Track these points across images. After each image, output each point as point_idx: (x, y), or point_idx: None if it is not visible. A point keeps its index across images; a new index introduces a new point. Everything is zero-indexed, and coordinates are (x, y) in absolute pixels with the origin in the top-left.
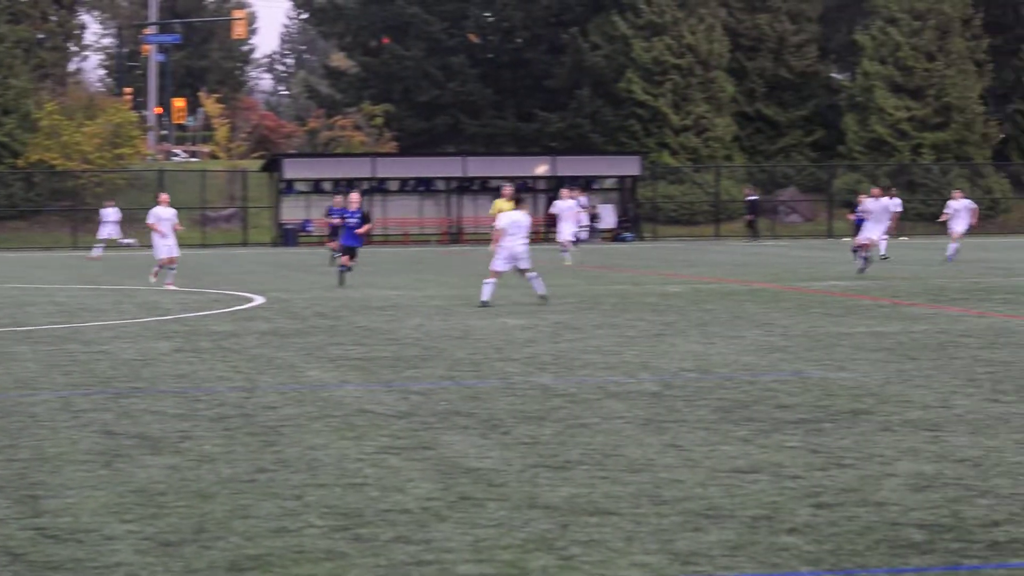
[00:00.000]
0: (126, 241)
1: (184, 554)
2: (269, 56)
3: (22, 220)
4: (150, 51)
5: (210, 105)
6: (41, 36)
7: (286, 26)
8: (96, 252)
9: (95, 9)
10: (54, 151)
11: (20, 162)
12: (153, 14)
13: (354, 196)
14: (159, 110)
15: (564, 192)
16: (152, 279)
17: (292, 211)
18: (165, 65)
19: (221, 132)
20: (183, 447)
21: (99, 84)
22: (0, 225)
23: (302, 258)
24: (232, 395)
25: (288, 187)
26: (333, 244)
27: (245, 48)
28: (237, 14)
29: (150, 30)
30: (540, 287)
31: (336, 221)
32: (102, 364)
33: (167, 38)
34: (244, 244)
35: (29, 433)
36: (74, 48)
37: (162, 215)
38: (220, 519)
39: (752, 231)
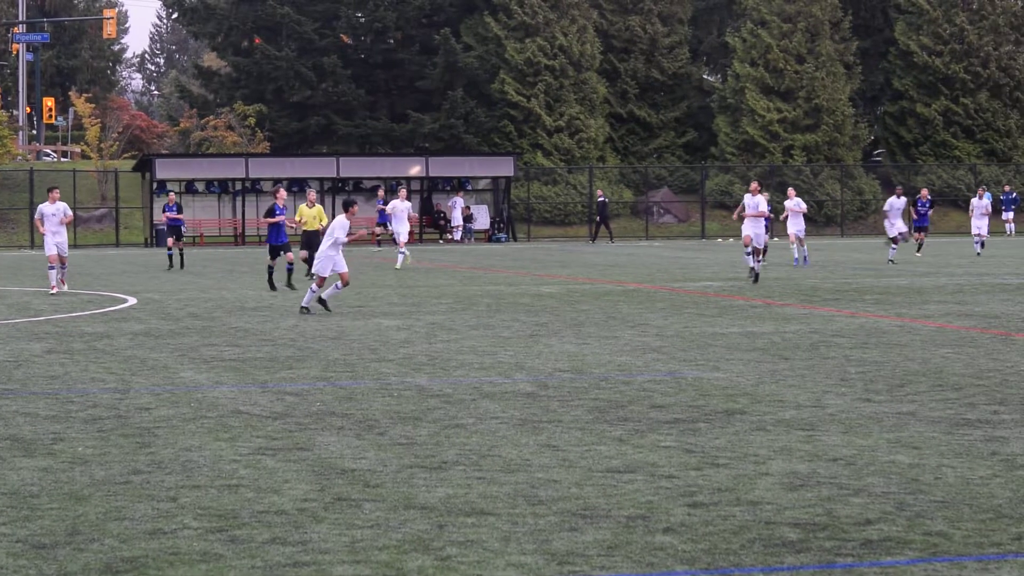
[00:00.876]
0: None
1: (58, 556)
2: (140, 56)
3: None
4: (19, 50)
5: (80, 105)
6: None
7: (157, 26)
8: None
9: None
10: None
11: None
12: (22, 13)
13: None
14: (28, 110)
15: (401, 192)
16: (52, 291)
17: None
18: (34, 64)
19: (92, 132)
20: (56, 449)
21: None
22: None
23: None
24: (105, 396)
25: (160, 187)
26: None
27: (115, 48)
28: (107, 13)
29: (19, 29)
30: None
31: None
32: None
33: (36, 37)
34: (116, 244)
35: None
36: None
37: (46, 211)
38: (94, 521)
39: (596, 232)
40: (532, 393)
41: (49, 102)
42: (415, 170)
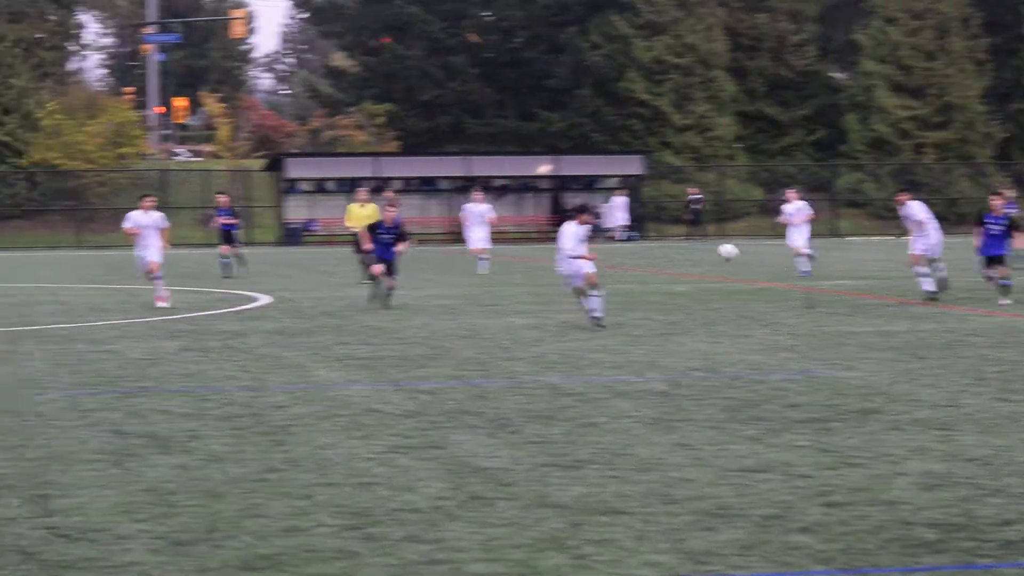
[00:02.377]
0: None
1: (196, 553)
2: (269, 55)
3: (25, 220)
4: (150, 50)
5: (211, 104)
6: (40, 35)
7: (286, 25)
8: None
9: (94, 8)
10: (56, 151)
11: (23, 162)
12: (152, 14)
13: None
14: (160, 109)
15: (476, 194)
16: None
17: (295, 210)
18: (165, 64)
19: (223, 131)
20: (192, 446)
21: (100, 83)
22: (3, 225)
23: (306, 257)
24: (240, 394)
25: (291, 186)
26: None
27: (244, 47)
28: (236, 13)
29: (150, 29)
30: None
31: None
32: (109, 363)
33: (167, 37)
34: (248, 244)
35: (38, 432)
36: (73, 47)
37: (141, 221)
38: (231, 518)
39: (693, 230)
40: (665, 392)
41: (180, 102)
42: (544, 169)
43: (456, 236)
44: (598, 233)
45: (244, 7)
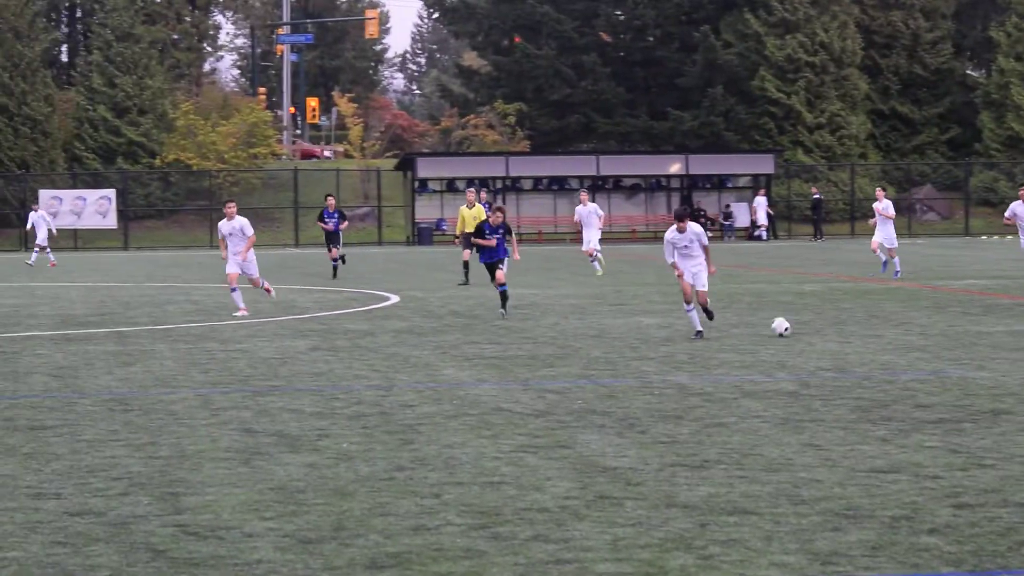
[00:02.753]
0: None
1: (324, 551)
2: (401, 55)
3: (159, 219)
4: (283, 51)
5: (343, 104)
6: (176, 37)
7: (418, 25)
8: (35, 257)
9: (228, 10)
10: (190, 151)
11: (157, 161)
12: (286, 14)
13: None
14: (293, 110)
15: (583, 195)
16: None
17: (426, 210)
18: (298, 65)
19: (355, 131)
20: (321, 445)
21: (233, 84)
22: (138, 224)
23: (436, 257)
24: (369, 393)
25: (422, 186)
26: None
27: (377, 48)
28: (369, 14)
29: (283, 30)
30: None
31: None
32: (240, 362)
33: (300, 38)
34: (379, 243)
35: (169, 431)
36: (208, 48)
37: (223, 230)
38: (359, 517)
39: (819, 230)
40: (794, 392)
41: (313, 102)
42: (675, 168)
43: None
44: (730, 232)
45: (377, 7)
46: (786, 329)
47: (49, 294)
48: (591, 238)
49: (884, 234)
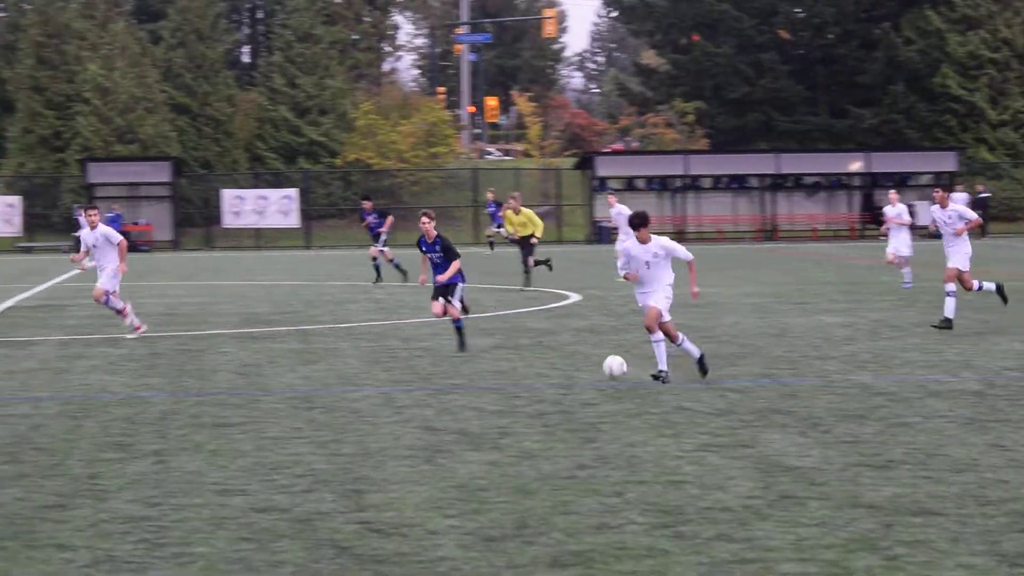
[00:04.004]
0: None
1: (506, 549)
2: (580, 54)
3: (340, 218)
4: (462, 51)
5: (523, 104)
6: (355, 37)
7: (596, 24)
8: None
9: (408, 10)
10: (370, 150)
11: (338, 161)
12: (464, 14)
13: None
14: (472, 109)
15: (611, 198)
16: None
17: (605, 209)
18: (477, 64)
19: (533, 130)
20: (503, 443)
21: (413, 84)
22: (319, 223)
23: (615, 255)
24: (550, 392)
25: (601, 185)
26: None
27: (556, 47)
28: (547, 13)
29: (462, 30)
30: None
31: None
32: (422, 360)
33: (479, 37)
34: (558, 242)
35: (352, 428)
36: (388, 48)
37: (87, 240)
38: (541, 515)
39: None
40: (979, 392)
41: (492, 101)
42: (856, 166)
43: (767, 234)
44: (914, 230)
45: (555, 6)
46: (618, 370)
47: (233, 293)
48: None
49: (899, 242)
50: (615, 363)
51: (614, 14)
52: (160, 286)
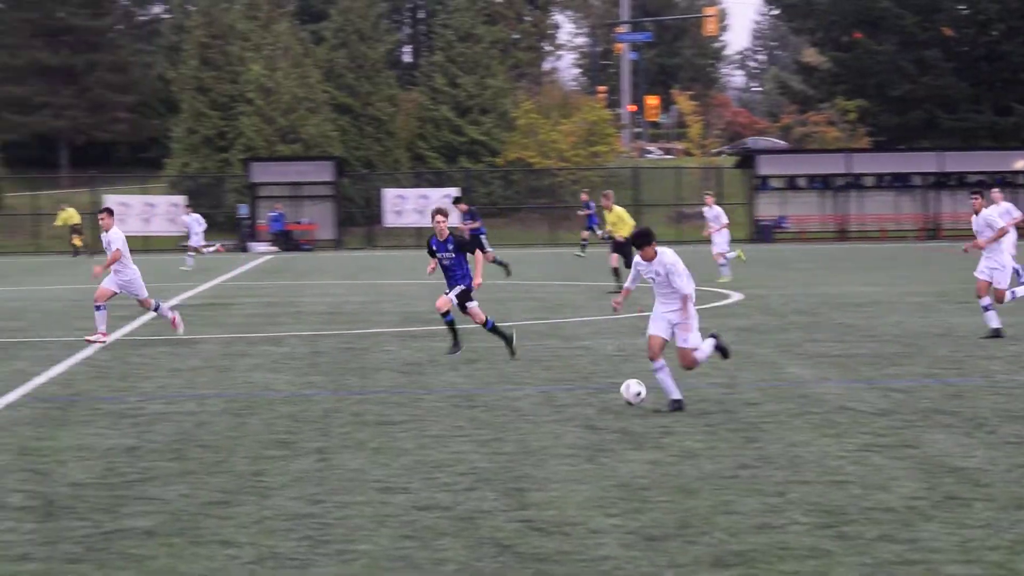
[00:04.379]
0: (210, 249)
1: (669, 549)
2: (741, 53)
3: (501, 217)
4: (623, 49)
5: (683, 102)
6: (516, 36)
7: (757, 22)
8: (190, 261)
9: (568, 9)
10: (531, 149)
11: (499, 160)
12: (625, 13)
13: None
14: (633, 108)
15: (708, 198)
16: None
17: (767, 207)
18: (638, 63)
19: (694, 129)
20: (664, 442)
21: (573, 83)
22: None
23: (777, 254)
24: (712, 391)
25: (762, 183)
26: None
27: (716, 45)
28: (708, 11)
29: (622, 29)
30: None
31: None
32: (583, 360)
33: (639, 36)
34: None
35: (513, 427)
36: (548, 48)
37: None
38: (703, 514)
39: None
40: None
41: (652, 100)
42: (1021, 164)
43: (930, 232)
44: None
45: (716, 4)
46: (637, 396)
47: (394, 291)
48: (718, 241)
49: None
50: (631, 390)
51: (775, 12)
52: (323, 285)
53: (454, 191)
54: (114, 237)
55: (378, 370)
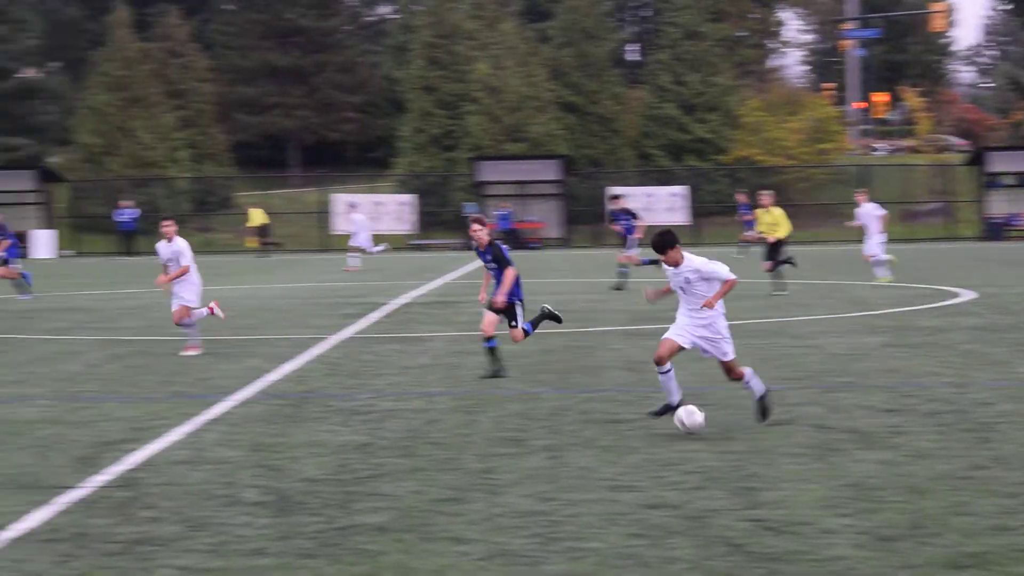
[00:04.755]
0: (374, 249)
1: (901, 549)
2: (970, 48)
3: (728, 216)
4: (849, 46)
5: (911, 99)
6: (742, 34)
7: (989, 18)
8: (352, 262)
9: (794, 5)
10: (757, 147)
11: (724, 158)
12: (851, 9)
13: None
14: (860, 105)
15: (860, 196)
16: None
17: (997, 205)
18: (865, 59)
19: (923, 126)
20: (896, 442)
21: (800, 80)
22: (707, 220)
23: (1009, 252)
24: (943, 390)
25: (993, 181)
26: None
27: (945, 41)
28: (935, 7)
29: (849, 25)
30: None
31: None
32: (812, 358)
33: (867, 33)
34: (948, 239)
35: (743, 426)
36: (773, 45)
37: (163, 254)
38: (936, 515)
39: None
40: None
41: (880, 97)
42: None
43: None
44: None
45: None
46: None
47: (623, 289)
48: (872, 242)
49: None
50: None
51: (1006, 7)
52: (552, 283)
53: (681, 189)
54: (183, 248)
55: (605, 368)
